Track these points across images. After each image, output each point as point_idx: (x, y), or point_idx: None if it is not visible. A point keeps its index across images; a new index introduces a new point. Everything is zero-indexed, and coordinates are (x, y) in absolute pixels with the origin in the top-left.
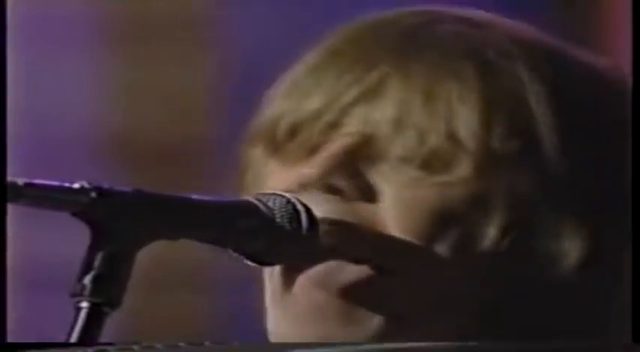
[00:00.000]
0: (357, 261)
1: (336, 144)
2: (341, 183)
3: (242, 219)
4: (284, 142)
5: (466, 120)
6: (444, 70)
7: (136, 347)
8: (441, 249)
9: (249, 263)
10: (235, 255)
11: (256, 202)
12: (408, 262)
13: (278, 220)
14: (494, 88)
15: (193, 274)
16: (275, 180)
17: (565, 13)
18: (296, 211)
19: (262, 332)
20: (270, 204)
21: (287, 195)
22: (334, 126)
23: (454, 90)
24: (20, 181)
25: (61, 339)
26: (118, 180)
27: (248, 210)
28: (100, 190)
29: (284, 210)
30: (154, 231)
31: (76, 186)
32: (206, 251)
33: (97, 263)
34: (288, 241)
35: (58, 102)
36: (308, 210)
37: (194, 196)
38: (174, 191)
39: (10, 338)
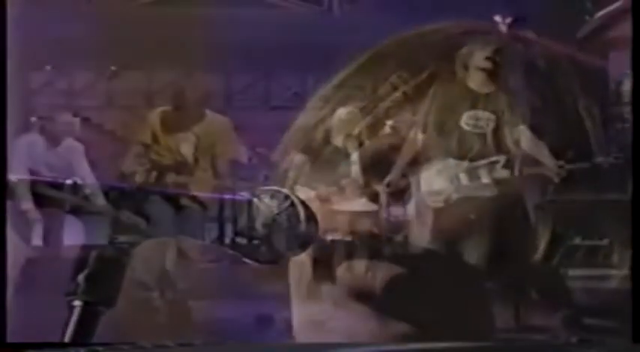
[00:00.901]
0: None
1: (373, 146)
2: (376, 184)
3: (240, 216)
4: (322, 147)
5: (517, 127)
6: (492, 77)
7: (126, 348)
8: (474, 252)
9: (248, 261)
10: (233, 252)
11: (255, 199)
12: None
13: (276, 216)
14: (546, 98)
15: (190, 275)
16: (315, 183)
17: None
18: (294, 207)
19: (259, 333)
20: (267, 200)
21: (284, 190)
22: (375, 128)
23: (505, 97)
24: (15, 178)
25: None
26: (115, 179)
27: (246, 207)
28: (94, 187)
29: (282, 206)
30: (151, 227)
31: (69, 182)
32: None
33: (90, 261)
34: (287, 237)
35: (57, 102)
36: (306, 207)
37: (192, 193)
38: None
39: (10, 338)
